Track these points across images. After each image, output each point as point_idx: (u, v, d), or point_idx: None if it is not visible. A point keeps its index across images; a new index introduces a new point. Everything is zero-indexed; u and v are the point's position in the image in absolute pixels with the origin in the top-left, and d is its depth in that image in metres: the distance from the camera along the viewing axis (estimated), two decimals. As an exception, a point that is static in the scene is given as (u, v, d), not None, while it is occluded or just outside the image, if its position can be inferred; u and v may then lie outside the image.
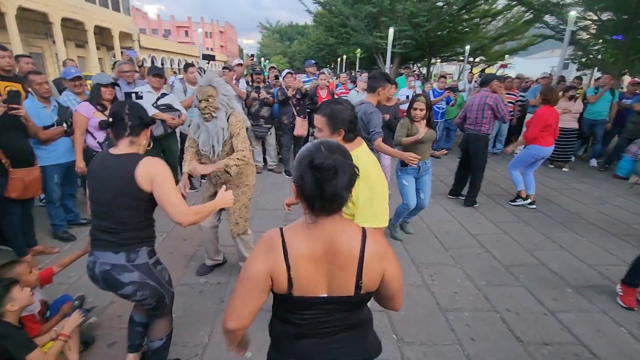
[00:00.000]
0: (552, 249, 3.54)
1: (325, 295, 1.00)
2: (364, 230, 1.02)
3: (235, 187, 2.65)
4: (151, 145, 1.76)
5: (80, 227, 3.68)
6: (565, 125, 6.13)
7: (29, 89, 3.22)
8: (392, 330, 2.35)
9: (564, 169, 6.46)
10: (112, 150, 1.62)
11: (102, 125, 1.63)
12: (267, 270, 0.97)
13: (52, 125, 3.18)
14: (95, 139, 3.34)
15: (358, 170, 0.98)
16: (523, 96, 7.31)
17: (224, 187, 1.85)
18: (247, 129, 2.66)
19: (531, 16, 15.28)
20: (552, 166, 6.60)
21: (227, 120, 2.48)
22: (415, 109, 3.30)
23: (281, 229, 1.02)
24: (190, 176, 2.62)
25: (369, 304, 1.13)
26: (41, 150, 3.14)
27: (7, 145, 2.70)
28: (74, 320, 1.97)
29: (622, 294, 2.66)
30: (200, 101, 2.39)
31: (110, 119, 1.61)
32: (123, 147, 1.61)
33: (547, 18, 13.86)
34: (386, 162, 4.46)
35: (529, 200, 4.58)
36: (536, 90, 6.88)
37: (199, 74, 4.93)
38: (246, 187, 2.72)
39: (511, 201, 4.72)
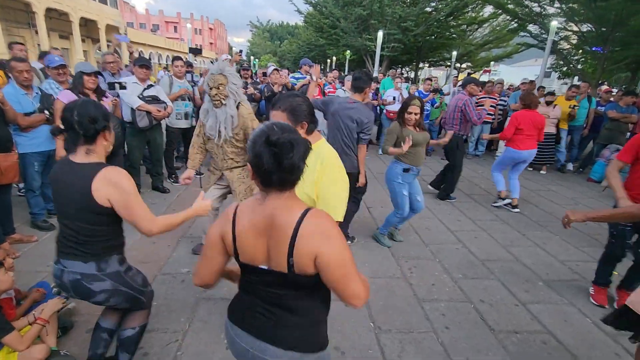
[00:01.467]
0: (527, 245, 3.68)
1: (266, 267, 1.05)
2: (308, 208, 1.02)
3: (242, 169, 2.78)
4: (110, 148, 1.60)
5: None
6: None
7: (10, 75, 3.17)
8: (369, 319, 2.42)
9: (541, 172, 6.69)
10: (72, 157, 1.50)
11: (54, 132, 1.50)
12: (219, 236, 1.11)
13: (34, 112, 3.13)
14: (78, 127, 3.30)
15: (310, 144, 1.03)
16: (504, 101, 7.54)
17: (202, 193, 1.84)
18: None
19: (516, 25, 15.72)
20: (530, 169, 6.83)
21: (237, 109, 2.59)
22: (410, 112, 3.09)
23: (237, 205, 1.12)
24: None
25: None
26: (22, 137, 3.08)
27: (-16, 129, 2.64)
28: (53, 306, 1.96)
29: (593, 293, 2.80)
30: (211, 88, 2.49)
31: (61, 126, 1.48)
32: (80, 156, 1.49)
33: (531, 27, 14.29)
34: None
35: (507, 200, 4.69)
36: (517, 95, 7.11)
37: (187, 67, 4.92)
38: None
39: (493, 203, 4.81)
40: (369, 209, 4.37)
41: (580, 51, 13.97)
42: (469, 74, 23.83)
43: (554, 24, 9.82)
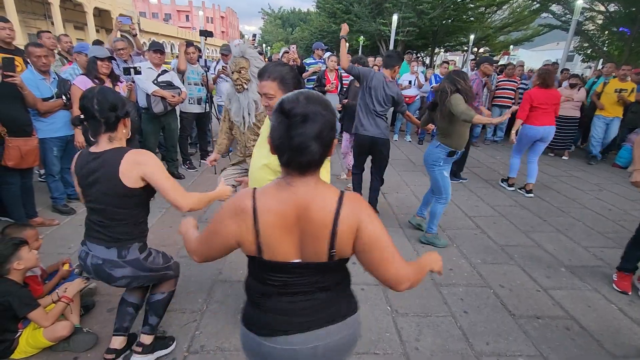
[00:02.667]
0: (548, 231, 3.57)
1: (298, 260, 0.96)
2: (341, 194, 0.94)
3: None
4: (129, 135, 1.63)
5: (79, 201, 3.71)
6: (566, 113, 6.11)
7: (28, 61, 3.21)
8: (386, 302, 2.39)
9: (563, 157, 6.46)
10: (93, 149, 1.54)
11: (75, 123, 1.51)
12: (235, 237, 0.96)
13: (52, 98, 3.17)
14: (94, 112, 3.34)
15: (337, 128, 0.92)
16: (525, 84, 7.26)
17: (222, 179, 1.84)
18: None
19: (538, 5, 15.08)
20: (552, 154, 6.61)
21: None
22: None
23: (254, 192, 0.95)
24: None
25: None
26: (40, 122, 3.14)
27: (3, 113, 2.69)
28: (77, 285, 2.01)
29: (616, 279, 2.69)
30: (232, 72, 2.41)
31: (82, 115, 1.50)
32: (103, 144, 1.53)
33: (554, 8, 13.68)
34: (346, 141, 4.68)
35: (512, 188, 4.66)
36: (539, 78, 6.85)
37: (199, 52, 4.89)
38: None
39: (501, 180, 4.86)
40: (384, 195, 4.31)
41: (607, 32, 13.32)
42: (490, 54, 23.13)
43: (579, 3, 9.34)
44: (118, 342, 1.79)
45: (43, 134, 3.16)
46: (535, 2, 15.48)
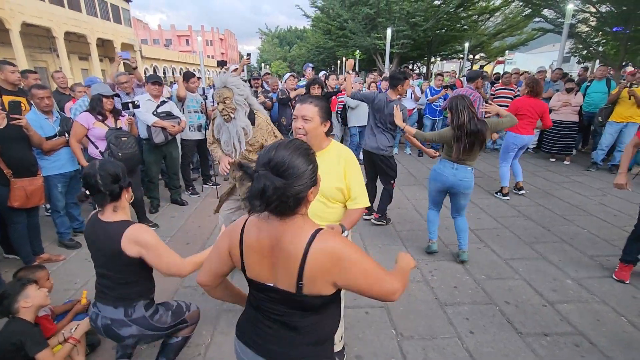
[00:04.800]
0: (552, 241, 3.54)
1: (272, 284, 1.02)
2: (316, 231, 0.97)
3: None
4: (132, 199, 1.75)
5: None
6: (565, 118, 6.12)
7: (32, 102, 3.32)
8: (390, 325, 2.38)
9: (565, 162, 6.44)
10: (101, 216, 1.67)
11: (81, 199, 1.61)
12: (227, 248, 1.10)
13: (55, 136, 3.27)
14: (97, 148, 3.42)
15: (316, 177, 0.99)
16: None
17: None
18: None
19: (529, 11, 15.26)
20: (553, 160, 6.58)
21: (253, 120, 2.53)
22: None
23: (248, 218, 1.09)
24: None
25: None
26: (45, 160, 3.22)
27: (9, 155, 2.77)
28: (84, 326, 2.03)
29: (617, 269, 2.89)
30: (217, 103, 2.43)
31: (87, 191, 1.61)
32: (108, 214, 1.65)
33: (546, 12, 13.83)
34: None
35: (507, 198, 4.72)
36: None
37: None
38: None
39: (495, 192, 4.90)
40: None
41: (600, 33, 13.39)
42: (481, 66, 23.34)
43: (570, 7, 9.44)
44: None
45: (47, 171, 3.24)
46: (527, 8, 15.68)
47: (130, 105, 3.69)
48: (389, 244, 3.53)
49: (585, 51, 15.68)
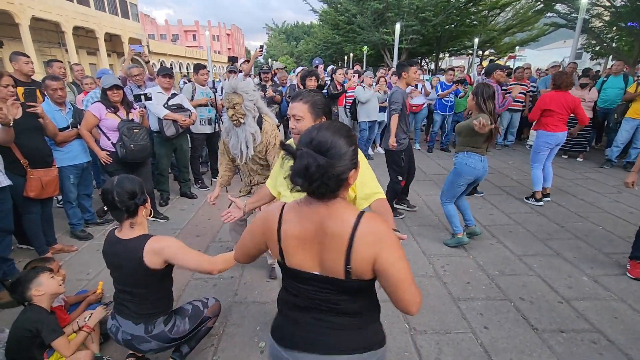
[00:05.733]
0: (567, 238, 3.48)
1: (317, 273, 0.99)
2: (360, 213, 0.97)
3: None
4: (150, 214, 1.76)
5: (97, 225, 3.77)
6: (579, 114, 5.99)
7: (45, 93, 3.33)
8: (404, 320, 2.36)
9: (578, 159, 6.33)
10: (118, 234, 1.67)
11: (100, 215, 1.64)
12: (262, 232, 1.08)
13: (67, 128, 3.28)
14: (109, 139, 3.43)
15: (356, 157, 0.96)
16: (534, 86, 7.19)
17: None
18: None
19: (541, 5, 14.99)
20: (565, 156, 6.48)
21: (261, 125, 2.52)
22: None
23: (284, 204, 1.05)
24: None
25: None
26: (57, 151, 3.23)
27: (26, 146, 2.79)
28: (98, 315, 2.05)
29: (630, 267, 2.83)
30: (227, 109, 2.43)
31: (105, 207, 1.64)
32: (126, 231, 1.66)
33: (558, 7, 13.57)
34: None
35: (541, 203, 4.35)
36: (547, 80, 6.76)
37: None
38: None
39: (526, 197, 4.51)
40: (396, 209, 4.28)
41: (615, 28, 13.12)
42: (491, 60, 23.01)
43: (584, 0, 9.24)
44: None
45: (60, 162, 3.25)
46: (539, 3, 15.40)
47: (142, 97, 3.68)
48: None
49: (599, 47, 15.38)
